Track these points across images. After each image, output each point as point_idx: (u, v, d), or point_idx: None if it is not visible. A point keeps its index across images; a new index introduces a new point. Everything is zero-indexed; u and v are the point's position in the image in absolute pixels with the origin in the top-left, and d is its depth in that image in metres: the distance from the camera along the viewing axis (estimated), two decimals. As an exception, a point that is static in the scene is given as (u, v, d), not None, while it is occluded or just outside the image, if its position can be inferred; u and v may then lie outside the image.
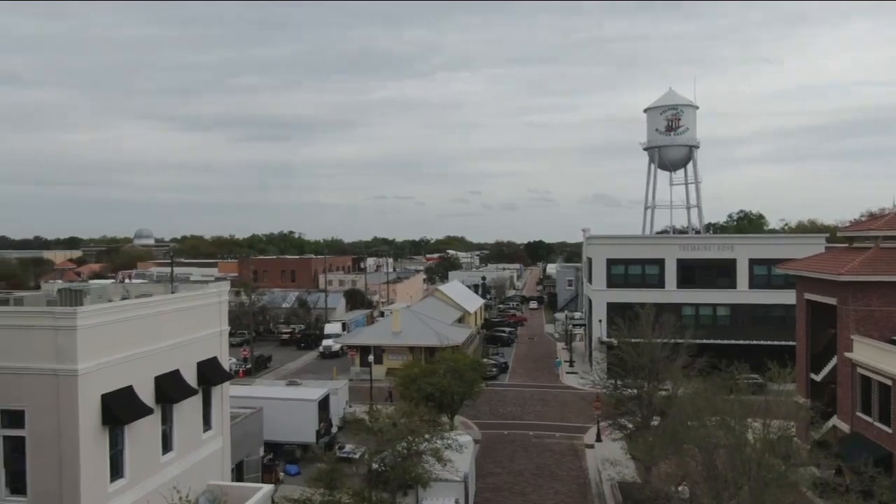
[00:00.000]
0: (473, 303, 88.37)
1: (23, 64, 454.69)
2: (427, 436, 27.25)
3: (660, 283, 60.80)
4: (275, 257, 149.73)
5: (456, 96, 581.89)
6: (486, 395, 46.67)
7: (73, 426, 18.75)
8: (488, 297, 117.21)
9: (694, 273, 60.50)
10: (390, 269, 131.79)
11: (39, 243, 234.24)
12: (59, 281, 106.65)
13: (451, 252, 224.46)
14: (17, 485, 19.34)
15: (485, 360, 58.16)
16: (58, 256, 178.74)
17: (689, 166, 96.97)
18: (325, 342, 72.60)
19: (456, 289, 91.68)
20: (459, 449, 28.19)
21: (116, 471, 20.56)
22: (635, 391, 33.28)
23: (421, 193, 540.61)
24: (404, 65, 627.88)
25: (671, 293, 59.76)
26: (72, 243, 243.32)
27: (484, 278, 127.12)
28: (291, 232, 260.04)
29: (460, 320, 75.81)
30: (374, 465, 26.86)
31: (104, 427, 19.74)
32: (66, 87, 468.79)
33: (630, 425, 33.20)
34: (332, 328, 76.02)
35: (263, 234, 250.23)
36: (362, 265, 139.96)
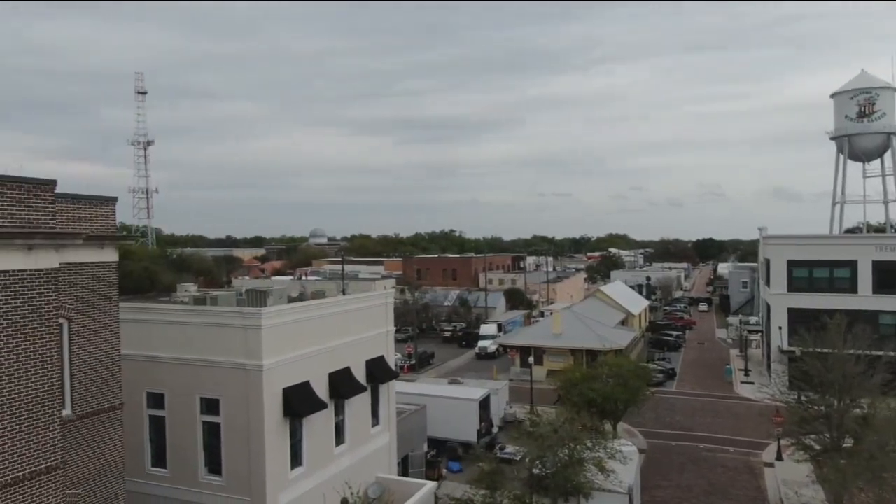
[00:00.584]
0: (637, 304, 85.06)
1: (217, 81, 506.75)
2: (589, 444, 26.59)
3: (851, 287, 54.60)
4: (436, 256, 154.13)
5: (615, 90, 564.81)
6: (652, 402, 44.65)
7: (259, 416, 20.48)
8: (653, 298, 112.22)
9: (895, 277, 53.67)
10: (550, 268, 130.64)
11: (230, 242, 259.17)
12: (247, 277, 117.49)
13: (612, 250, 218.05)
14: (213, 465, 21.48)
15: (650, 365, 55.70)
16: (245, 254, 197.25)
17: (887, 155, 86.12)
18: (481, 343, 73.13)
19: (618, 289, 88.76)
20: (623, 460, 27.17)
21: (296, 459, 22.15)
22: (823, 408, 30.12)
23: (580, 190, 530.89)
24: (562, 61, 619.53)
25: (866, 299, 53.46)
26: (257, 242, 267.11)
27: (648, 278, 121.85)
28: (452, 230, 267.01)
29: (623, 322, 73.29)
30: (535, 470, 26.64)
31: (285, 418, 21.36)
32: (254, 100, 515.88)
33: (817, 446, 30.08)
34: (487, 329, 76.48)
35: (426, 232, 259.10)
36: (522, 264, 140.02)
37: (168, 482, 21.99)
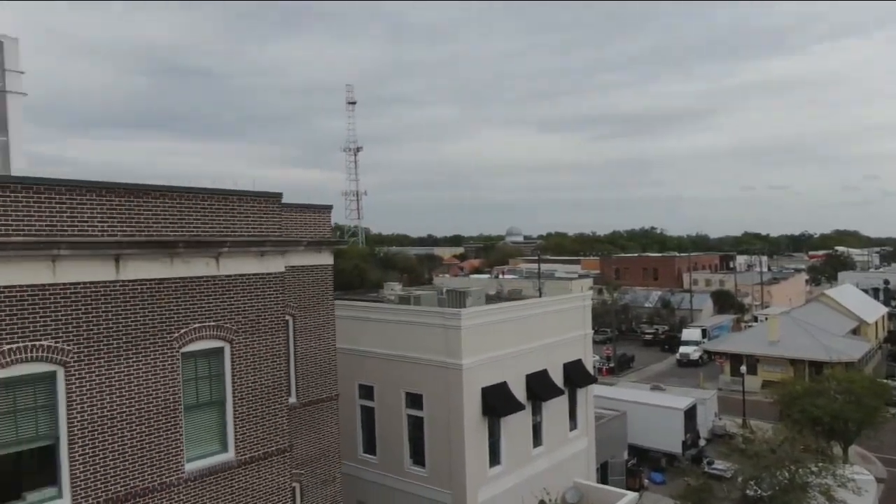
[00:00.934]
0: (872, 311, 74.75)
1: (416, 87, 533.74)
2: (814, 468, 23.81)
3: None
4: (636, 255, 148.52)
5: (840, 68, 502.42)
6: (893, 425, 38.88)
7: (459, 413, 21.10)
8: (893, 304, 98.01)
9: None
10: (764, 269, 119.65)
11: (431, 241, 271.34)
12: (447, 275, 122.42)
13: (840, 249, 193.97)
14: (417, 457, 22.56)
15: (890, 381, 48.56)
16: (445, 252, 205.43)
17: None
18: (683, 349, 68.47)
19: (848, 293, 78.77)
20: (857, 490, 23.96)
21: (494, 457, 22.52)
22: None
23: (798, 182, 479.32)
24: (775, 41, 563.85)
25: None
26: (455, 241, 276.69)
27: (887, 281, 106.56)
28: (653, 228, 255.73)
29: (854, 331, 64.84)
30: (749, 492, 24.45)
31: (483, 417, 21.80)
32: (451, 103, 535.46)
33: None
34: (690, 334, 71.42)
35: (624, 230, 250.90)
36: (731, 264, 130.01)
37: (377, 468, 23.51)
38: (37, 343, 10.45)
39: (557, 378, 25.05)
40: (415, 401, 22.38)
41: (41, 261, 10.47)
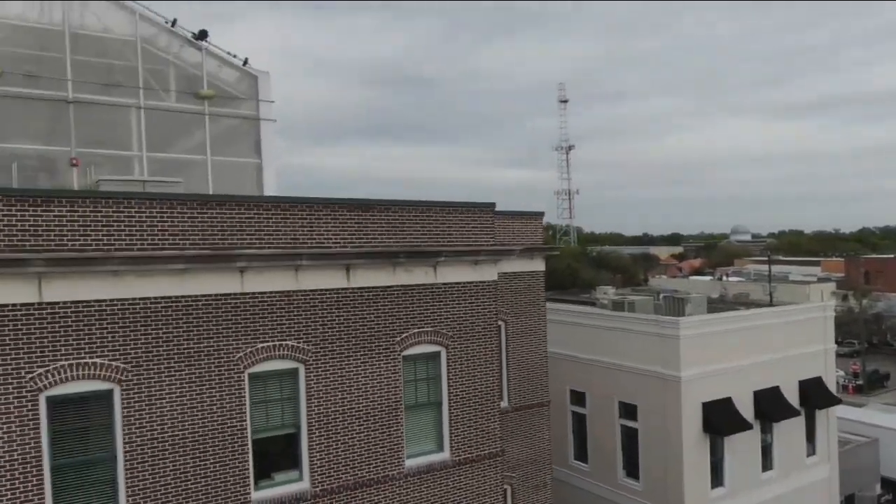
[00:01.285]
0: None
1: (632, 80, 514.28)
2: None
3: None
4: (891, 255, 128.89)
5: None
6: None
7: (677, 428, 20.01)
8: None
9: None
10: None
11: (647, 239, 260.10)
12: (663, 276, 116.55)
13: None
14: (631, 469, 21.83)
15: None
16: (662, 252, 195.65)
17: None
18: None
19: None
20: None
21: (716, 478, 21.05)
22: None
23: None
24: None
25: None
26: (673, 240, 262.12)
27: None
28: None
29: None
30: None
31: (705, 434, 20.42)
32: (669, 94, 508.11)
33: None
34: None
35: (876, 226, 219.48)
36: None
37: (588, 477, 23.14)
38: (283, 343, 11.83)
39: (792, 397, 22.64)
40: (629, 411, 21.63)
41: (287, 270, 11.84)
